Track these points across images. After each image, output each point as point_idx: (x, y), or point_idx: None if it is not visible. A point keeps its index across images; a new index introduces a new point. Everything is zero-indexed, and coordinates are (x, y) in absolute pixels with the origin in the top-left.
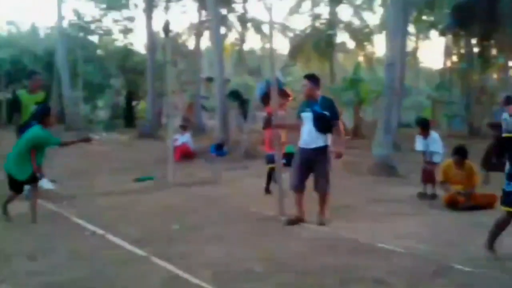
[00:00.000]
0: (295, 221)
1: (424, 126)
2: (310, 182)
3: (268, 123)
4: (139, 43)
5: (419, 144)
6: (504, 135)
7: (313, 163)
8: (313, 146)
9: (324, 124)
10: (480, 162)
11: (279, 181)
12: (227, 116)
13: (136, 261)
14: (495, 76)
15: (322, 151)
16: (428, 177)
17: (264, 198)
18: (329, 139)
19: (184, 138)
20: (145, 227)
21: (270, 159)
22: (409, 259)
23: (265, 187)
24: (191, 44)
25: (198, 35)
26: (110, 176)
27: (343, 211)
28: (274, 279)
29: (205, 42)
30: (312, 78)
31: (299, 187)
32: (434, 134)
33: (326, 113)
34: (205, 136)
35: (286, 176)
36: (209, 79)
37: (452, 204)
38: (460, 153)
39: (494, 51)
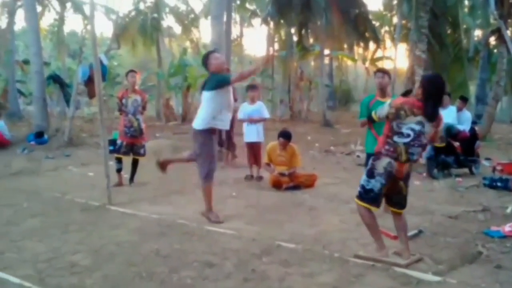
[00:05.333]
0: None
1: None
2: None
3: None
4: None
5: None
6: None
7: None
8: None
9: None
10: None
11: (106, 169)
12: (46, 102)
13: None
14: (312, 63)
15: None
16: (254, 159)
17: (90, 187)
18: None
19: None
20: None
21: (119, 148)
22: (237, 240)
23: (129, 177)
24: (3, 23)
25: (11, 14)
26: None
27: (173, 197)
28: (101, 271)
29: (20, 22)
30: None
31: None
32: None
33: None
34: (23, 123)
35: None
36: (26, 62)
37: (277, 185)
38: (284, 136)
39: (311, 40)
